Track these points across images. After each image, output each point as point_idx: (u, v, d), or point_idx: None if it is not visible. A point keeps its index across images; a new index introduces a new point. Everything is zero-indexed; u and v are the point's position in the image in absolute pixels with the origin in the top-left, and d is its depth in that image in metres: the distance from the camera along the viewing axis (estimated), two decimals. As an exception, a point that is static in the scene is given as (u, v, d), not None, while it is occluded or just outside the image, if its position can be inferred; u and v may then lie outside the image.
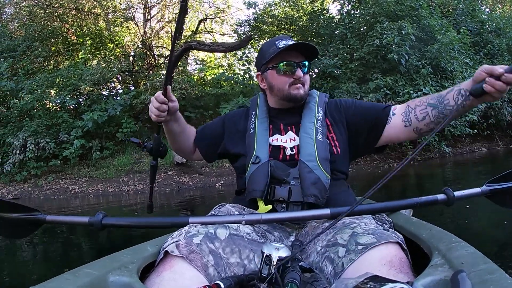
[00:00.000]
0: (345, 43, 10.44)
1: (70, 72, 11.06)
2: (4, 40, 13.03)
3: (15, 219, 1.41)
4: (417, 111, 1.30)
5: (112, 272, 0.84)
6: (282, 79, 1.38)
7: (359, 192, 1.66)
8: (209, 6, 15.71)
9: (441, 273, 0.74)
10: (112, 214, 5.37)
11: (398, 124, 1.35)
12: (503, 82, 1.06)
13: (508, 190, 1.43)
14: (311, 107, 1.43)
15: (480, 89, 1.11)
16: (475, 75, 1.13)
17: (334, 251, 0.96)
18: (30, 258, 3.31)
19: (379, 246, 0.89)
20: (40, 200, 9.00)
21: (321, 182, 1.25)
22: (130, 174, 9.64)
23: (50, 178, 10.09)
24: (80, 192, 9.29)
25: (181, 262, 0.92)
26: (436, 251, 0.86)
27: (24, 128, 10.17)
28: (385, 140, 1.40)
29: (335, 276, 0.91)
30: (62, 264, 3.05)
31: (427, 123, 1.28)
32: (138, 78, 13.17)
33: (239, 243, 1.03)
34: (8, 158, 10.21)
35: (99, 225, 1.25)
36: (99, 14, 14.12)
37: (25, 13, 14.06)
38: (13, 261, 3.24)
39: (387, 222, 1.18)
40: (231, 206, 1.32)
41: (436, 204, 1.31)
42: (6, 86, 10.73)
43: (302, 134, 1.35)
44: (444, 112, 1.23)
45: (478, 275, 0.66)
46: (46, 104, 11.22)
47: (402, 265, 0.85)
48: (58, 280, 0.76)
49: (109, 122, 10.36)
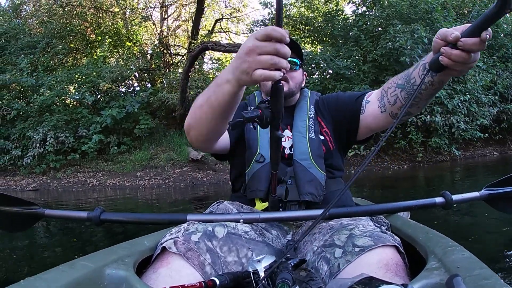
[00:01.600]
0: (358, 44, 10.78)
1: (89, 69, 11.71)
2: (24, 37, 13.79)
3: (13, 212, 1.45)
4: (388, 94, 1.22)
5: (109, 265, 0.86)
6: None
7: (369, 192, 1.74)
8: (225, 6, 16.31)
9: (436, 276, 0.75)
10: (128, 207, 5.84)
11: (374, 111, 1.30)
12: (461, 50, 0.86)
13: (507, 195, 1.46)
14: (303, 105, 1.47)
15: (438, 63, 0.92)
16: (433, 43, 0.96)
17: (331, 251, 0.97)
18: (27, 250, 3.36)
19: (376, 248, 0.90)
20: (59, 192, 9.56)
21: (317, 180, 1.28)
22: (147, 169, 10.19)
23: (69, 171, 10.72)
24: (98, 185, 9.88)
25: (178, 260, 0.93)
26: (432, 254, 0.87)
27: (44, 123, 10.85)
28: (365, 131, 1.39)
29: (331, 276, 0.92)
30: (58, 256, 3.14)
31: (399, 106, 1.19)
32: (155, 76, 13.79)
33: (237, 241, 1.04)
34: (28, 151, 10.90)
35: (97, 220, 1.28)
36: (117, 13, 14.78)
37: (44, 11, 14.81)
38: (9, 253, 3.28)
39: (384, 224, 1.18)
40: (229, 204, 1.33)
41: (434, 207, 1.33)
42: (27, 82, 11.42)
43: (295, 133, 1.38)
44: (412, 94, 1.06)
45: (473, 280, 0.68)
46: (65, 100, 11.88)
47: (398, 269, 0.86)
48: (54, 272, 0.77)
49: (127, 118, 10.97)
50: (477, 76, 10.15)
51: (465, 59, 0.87)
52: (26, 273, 0.88)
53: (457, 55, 0.87)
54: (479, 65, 10.41)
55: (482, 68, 10.55)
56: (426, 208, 1.31)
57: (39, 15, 15.06)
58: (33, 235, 3.65)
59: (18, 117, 11.47)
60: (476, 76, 10.13)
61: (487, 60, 11.30)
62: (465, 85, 9.89)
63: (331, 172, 1.36)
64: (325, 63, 10.34)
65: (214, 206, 1.33)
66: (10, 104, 11.48)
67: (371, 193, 5.70)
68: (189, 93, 10.85)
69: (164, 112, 11.71)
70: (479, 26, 0.82)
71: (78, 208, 6.45)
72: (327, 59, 10.28)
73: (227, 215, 1.17)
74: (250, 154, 1.35)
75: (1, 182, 11.08)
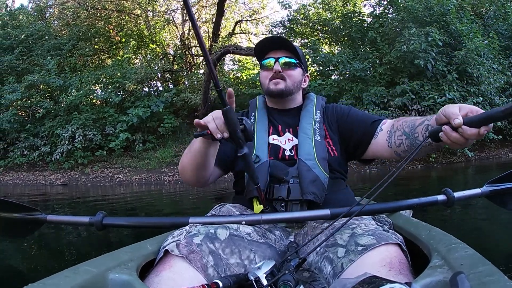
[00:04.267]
0: (375, 47, 11.38)
1: (115, 70, 12.77)
2: (50, 39, 14.94)
3: (15, 219, 1.46)
4: (396, 135, 1.30)
5: (112, 269, 0.88)
6: (263, 74, 1.51)
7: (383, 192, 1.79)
8: (245, 9, 17.26)
9: (440, 274, 0.77)
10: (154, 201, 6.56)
11: (383, 142, 1.37)
12: (460, 135, 0.96)
13: (508, 190, 1.48)
14: (309, 109, 1.52)
15: (437, 135, 1.02)
16: (437, 115, 1.04)
17: (334, 251, 0.99)
18: (29, 256, 3.40)
19: (379, 247, 0.92)
20: (88, 187, 10.49)
21: (320, 180, 1.31)
22: (171, 165, 11.13)
23: (96, 167, 11.77)
24: (125, 181, 10.86)
25: (181, 262, 0.95)
26: (436, 252, 0.88)
27: (73, 121, 11.93)
28: (371, 154, 1.46)
29: (334, 277, 0.94)
30: (61, 261, 3.20)
31: (403, 150, 1.28)
32: (178, 77, 14.85)
33: (239, 243, 1.07)
34: (57, 147, 11.99)
35: (99, 225, 1.31)
36: (140, 15, 15.85)
37: (69, 14, 15.91)
38: (12, 259, 3.33)
39: (387, 223, 1.19)
40: (231, 206, 1.37)
41: (436, 205, 1.36)
42: (55, 82, 12.51)
43: (301, 134, 1.42)
44: (415, 146, 1.20)
45: (477, 277, 0.69)
46: (92, 100, 12.96)
47: (402, 267, 0.88)
48: (57, 277, 0.79)
49: (151, 117, 11.99)
50: (491, 78, 10.55)
51: (462, 143, 0.98)
52: (29, 278, 0.94)
53: (455, 138, 0.97)
54: (493, 66, 10.82)
55: (497, 69, 10.92)
56: (428, 206, 1.35)
57: (63, 17, 16.20)
58: (36, 240, 3.72)
59: (46, 116, 12.58)
60: (490, 78, 10.53)
61: (502, 61, 11.64)
62: (478, 87, 10.36)
63: (334, 174, 1.40)
64: (341, 65, 10.95)
65: (216, 208, 1.37)
66: (39, 104, 12.58)
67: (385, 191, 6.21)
68: (211, 93, 11.77)
69: (187, 111, 12.68)
70: (481, 121, 0.92)
71: (105, 201, 7.23)
72: (344, 61, 10.89)
73: (230, 217, 1.21)
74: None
75: (31, 177, 12.15)
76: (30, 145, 12.44)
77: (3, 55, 14.01)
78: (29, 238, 3.51)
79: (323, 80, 11.58)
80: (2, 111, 12.72)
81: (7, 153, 12.78)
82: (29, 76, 12.60)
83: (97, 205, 6.78)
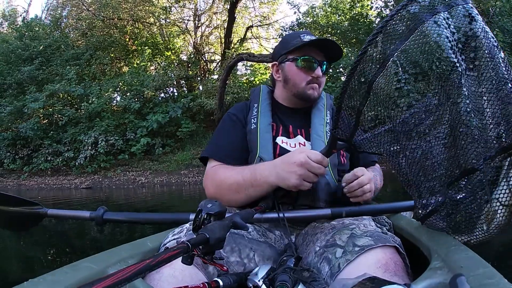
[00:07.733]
0: (382, 49, 12.36)
1: (133, 77, 14.02)
2: (67, 49, 16.13)
3: (16, 212, 1.54)
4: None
5: (112, 266, 0.90)
6: (300, 74, 1.41)
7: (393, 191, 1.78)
8: (255, 14, 18.33)
9: (439, 276, 0.78)
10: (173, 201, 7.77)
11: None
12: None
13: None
14: (320, 108, 1.49)
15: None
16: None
17: (332, 251, 1.02)
18: (30, 252, 3.46)
19: (375, 248, 0.95)
20: (112, 189, 11.49)
21: (331, 188, 1.31)
22: (190, 167, 12.30)
23: (118, 170, 13.00)
24: (147, 183, 12.00)
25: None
26: (436, 254, 0.90)
27: (95, 128, 13.17)
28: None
29: (332, 277, 0.96)
30: (61, 258, 3.28)
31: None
32: (193, 83, 16.03)
33: (239, 242, 1.09)
34: (80, 153, 13.22)
35: (100, 220, 1.37)
36: (154, 24, 17.05)
37: (85, 24, 17.12)
38: (12, 254, 3.42)
39: (386, 224, 1.19)
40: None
41: None
42: (76, 91, 13.71)
43: (314, 136, 1.41)
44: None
45: (477, 279, 0.70)
46: (112, 107, 14.23)
47: (397, 268, 0.91)
48: (57, 273, 0.82)
49: (169, 122, 13.20)
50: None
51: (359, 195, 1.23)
52: (30, 274, 0.77)
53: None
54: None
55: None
56: None
57: (79, 27, 17.44)
58: (36, 236, 3.79)
59: (68, 123, 13.80)
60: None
61: (508, 58, 12.45)
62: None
63: (340, 184, 1.36)
64: (350, 67, 11.86)
65: None
66: (61, 112, 13.82)
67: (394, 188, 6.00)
68: (226, 98, 12.95)
69: (203, 116, 13.85)
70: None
71: (128, 203, 7.75)
72: (352, 63, 11.86)
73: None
74: (251, 157, 1.38)
75: (56, 181, 13.32)
76: (54, 151, 13.65)
77: (23, 66, 15.19)
78: (30, 234, 3.72)
79: (333, 83, 12.53)
80: (25, 119, 13.84)
81: (31, 159, 13.97)
82: (50, 86, 13.72)
83: (121, 205, 7.24)
